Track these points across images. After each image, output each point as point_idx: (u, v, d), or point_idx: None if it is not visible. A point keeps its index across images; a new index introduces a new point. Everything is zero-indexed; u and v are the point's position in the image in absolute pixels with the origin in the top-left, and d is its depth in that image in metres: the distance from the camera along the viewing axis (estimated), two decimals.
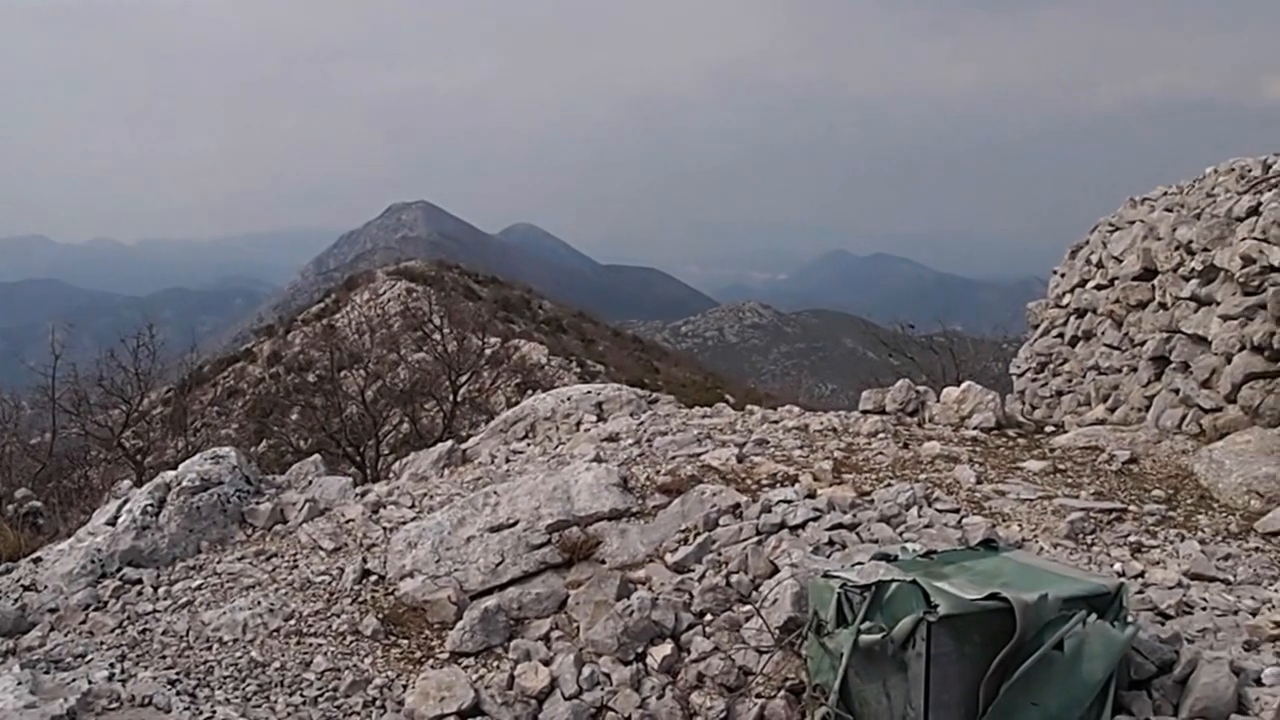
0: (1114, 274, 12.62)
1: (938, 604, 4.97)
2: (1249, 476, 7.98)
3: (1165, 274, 11.25)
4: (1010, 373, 15.82)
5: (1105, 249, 13.16)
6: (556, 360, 48.22)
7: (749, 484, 8.00)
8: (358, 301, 54.83)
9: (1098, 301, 13.09)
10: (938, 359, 26.25)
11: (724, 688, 6.07)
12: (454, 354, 26.31)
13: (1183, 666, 5.23)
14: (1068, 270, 14.69)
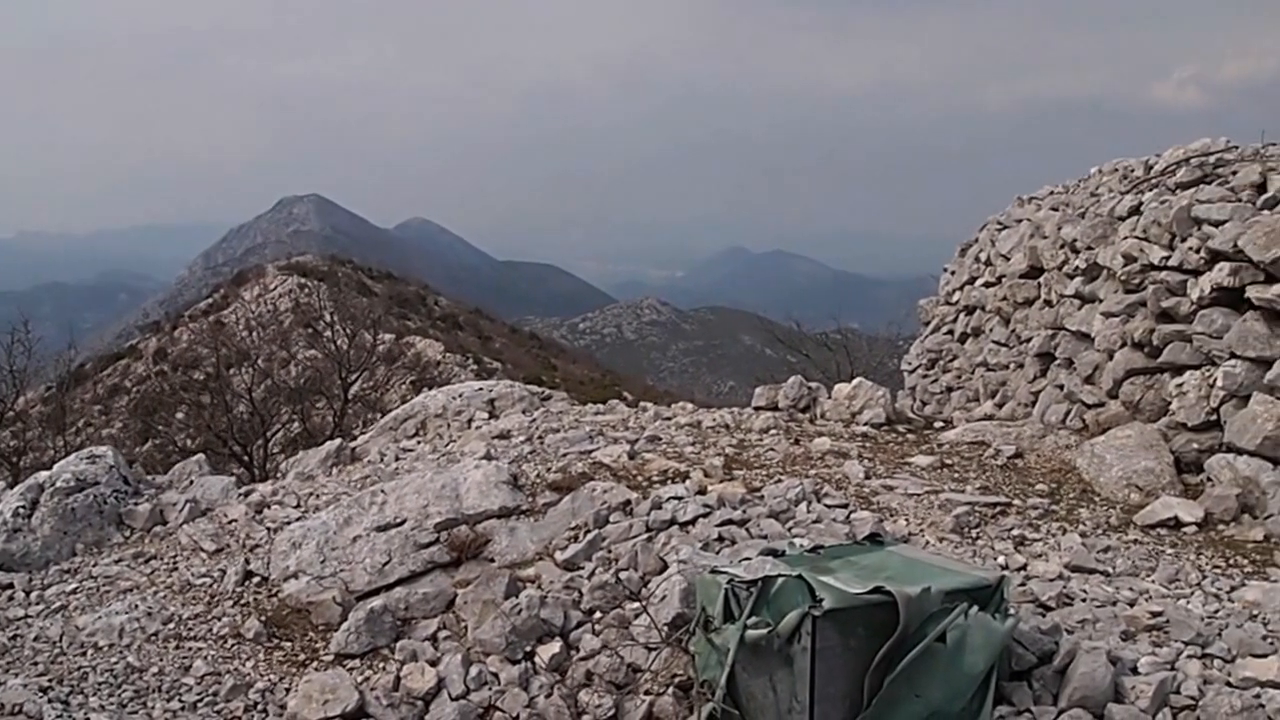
0: (1002, 272, 12.86)
1: (823, 598, 4.97)
2: (1129, 470, 8.16)
3: (1051, 272, 11.48)
4: (902, 369, 16.04)
5: (994, 247, 13.40)
6: (452, 358, 47.83)
7: (640, 481, 7.97)
8: (247, 297, 53.79)
9: (986, 299, 13.32)
10: (833, 356, 26.53)
11: (612, 685, 6.02)
12: (345, 351, 25.92)
13: (1062, 657, 5.31)
14: (958, 268, 14.94)
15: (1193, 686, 5.18)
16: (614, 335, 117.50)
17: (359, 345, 26.95)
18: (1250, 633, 5.72)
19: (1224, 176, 9.47)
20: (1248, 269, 8.18)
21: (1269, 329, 7.96)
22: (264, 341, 31.85)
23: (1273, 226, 8.06)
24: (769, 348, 45.52)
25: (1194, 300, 8.65)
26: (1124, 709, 5.03)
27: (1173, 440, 8.44)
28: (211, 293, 65.38)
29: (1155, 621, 5.85)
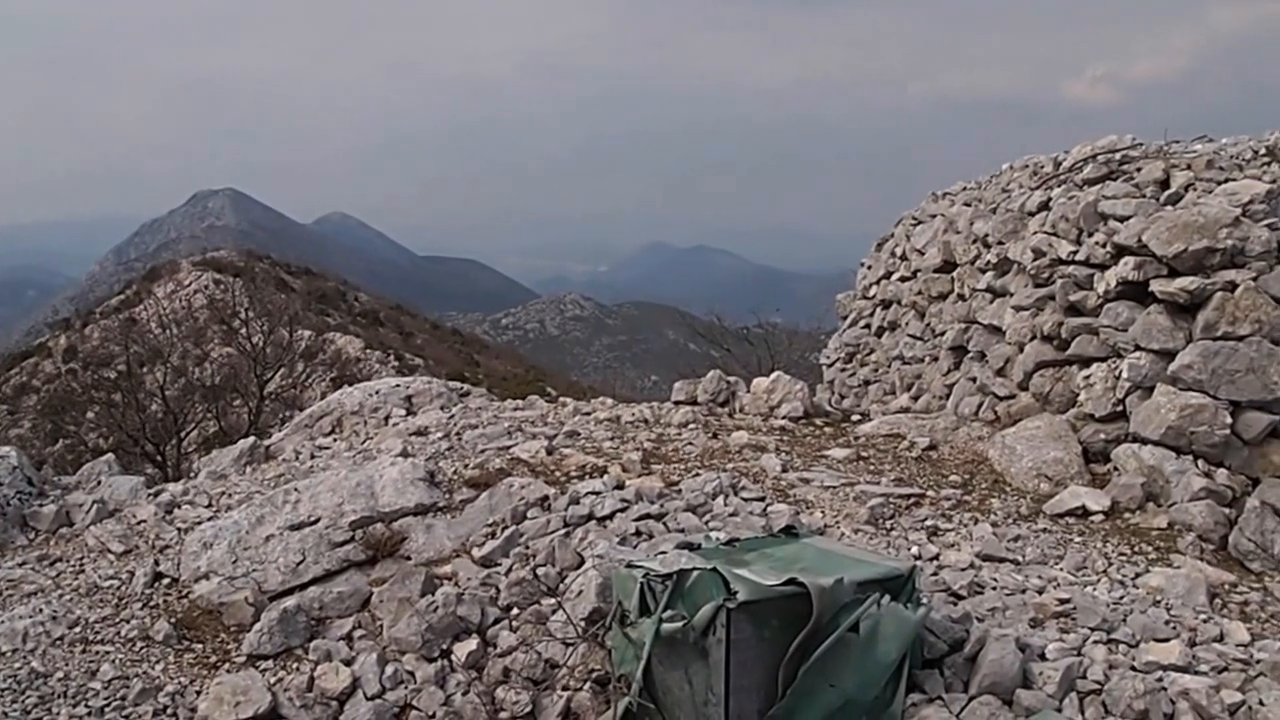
0: (917, 266, 13.03)
1: (737, 591, 5.01)
2: (1039, 461, 8.33)
3: (964, 266, 11.66)
4: (821, 363, 16.19)
5: (909, 242, 13.57)
6: (373, 354, 47.39)
7: (558, 476, 7.97)
8: (160, 294, 52.72)
9: (902, 293, 13.49)
10: (754, 350, 26.68)
11: (530, 681, 6.03)
12: (261, 348, 25.58)
13: (972, 644, 5.40)
14: (874, 263, 15.11)
15: (1098, 671, 5.30)
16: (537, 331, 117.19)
17: (276, 342, 26.61)
18: (1154, 618, 5.88)
19: (1129, 173, 9.69)
20: (1152, 263, 8.39)
21: (1172, 322, 8.17)
22: (178, 339, 31.33)
23: (1175, 222, 8.27)
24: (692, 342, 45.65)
25: (1100, 294, 8.84)
26: (1032, 694, 5.13)
27: (1081, 431, 8.63)
28: (123, 289, 64.01)
29: (1063, 608, 5.98)
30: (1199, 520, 7.36)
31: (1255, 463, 7.79)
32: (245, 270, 57.83)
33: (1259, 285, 7.95)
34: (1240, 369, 7.74)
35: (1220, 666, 5.40)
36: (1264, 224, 8.21)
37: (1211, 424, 7.70)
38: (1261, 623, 6.23)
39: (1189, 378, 7.85)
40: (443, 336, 71.00)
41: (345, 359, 41.02)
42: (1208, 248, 8.06)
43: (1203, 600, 6.30)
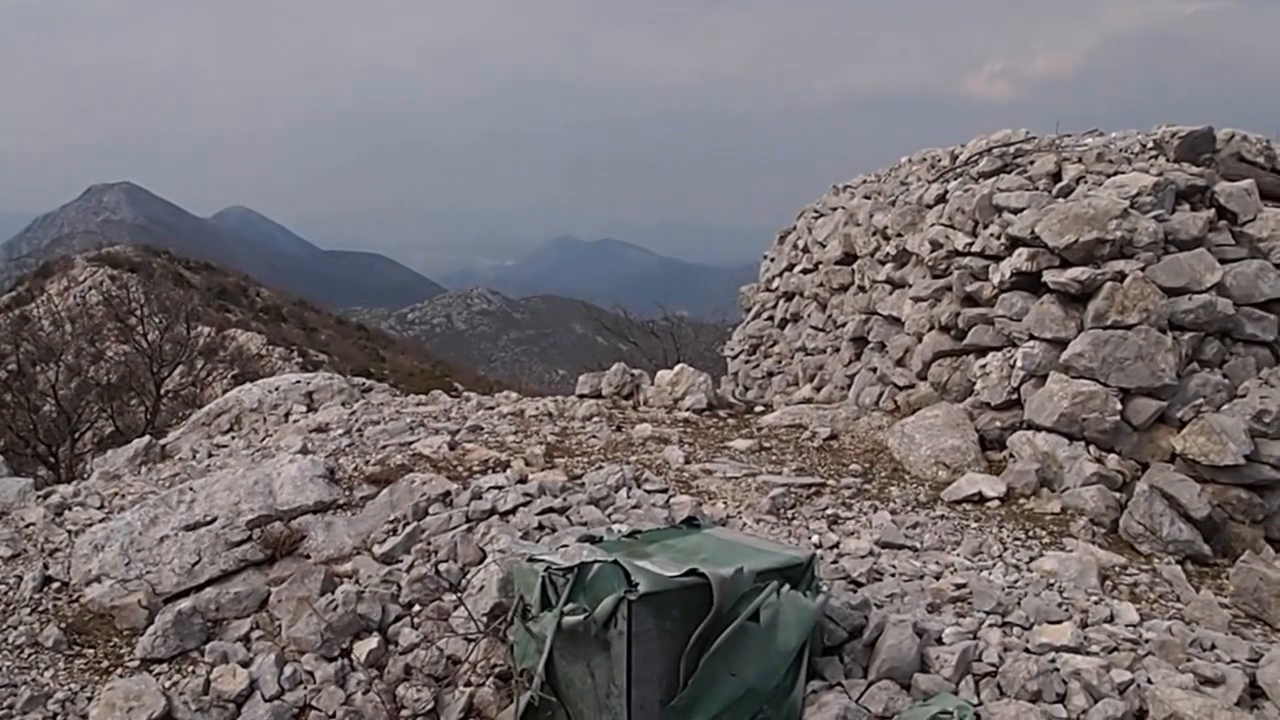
0: (818, 258, 13.16)
1: (638, 583, 5.02)
2: (936, 449, 8.47)
3: (864, 258, 11.81)
4: (725, 355, 16.29)
5: (811, 234, 13.71)
6: (276, 350, 46.65)
7: (461, 471, 7.92)
8: (53, 291, 51.29)
9: (804, 285, 13.63)
10: (660, 343, 26.78)
11: (432, 678, 5.99)
12: (158, 345, 25.03)
13: (871, 631, 5.47)
14: (777, 255, 15.24)
15: (993, 654, 5.39)
16: (444, 325, 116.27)
17: (174, 339, 26.07)
18: (1047, 601, 6.01)
19: (1023, 166, 9.90)
20: (1044, 254, 8.57)
21: (1064, 311, 8.36)
22: (72, 337, 30.54)
23: (1066, 214, 8.46)
24: (599, 336, 45.70)
25: (995, 285, 9.02)
26: (929, 678, 5.20)
27: (977, 419, 8.79)
28: (14, 286, 62.17)
29: (959, 593, 6.09)
30: (1091, 505, 7.54)
31: (1144, 447, 8.01)
32: (142, 266, 56.50)
33: (1147, 275, 8.17)
34: (1129, 357, 7.95)
35: (1111, 646, 5.53)
36: (1151, 216, 8.44)
37: (1102, 411, 7.90)
38: (1150, 603, 6.40)
39: (1080, 366, 8.04)
40: (348, 332, 70.11)
41: (247, 356, 40.34)
42: (1098, 239, 8.26)
43: (1094, 582, 6.46)
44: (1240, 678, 5.24)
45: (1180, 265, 8.28)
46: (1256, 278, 8.46)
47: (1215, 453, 7.59)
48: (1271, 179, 9.79)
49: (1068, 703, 5.08)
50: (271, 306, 63.44)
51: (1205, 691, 5.10)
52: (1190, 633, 5.77)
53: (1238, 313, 8.32)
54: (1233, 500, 7.64)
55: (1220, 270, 8.32)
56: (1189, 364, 8.19)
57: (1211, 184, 8.99)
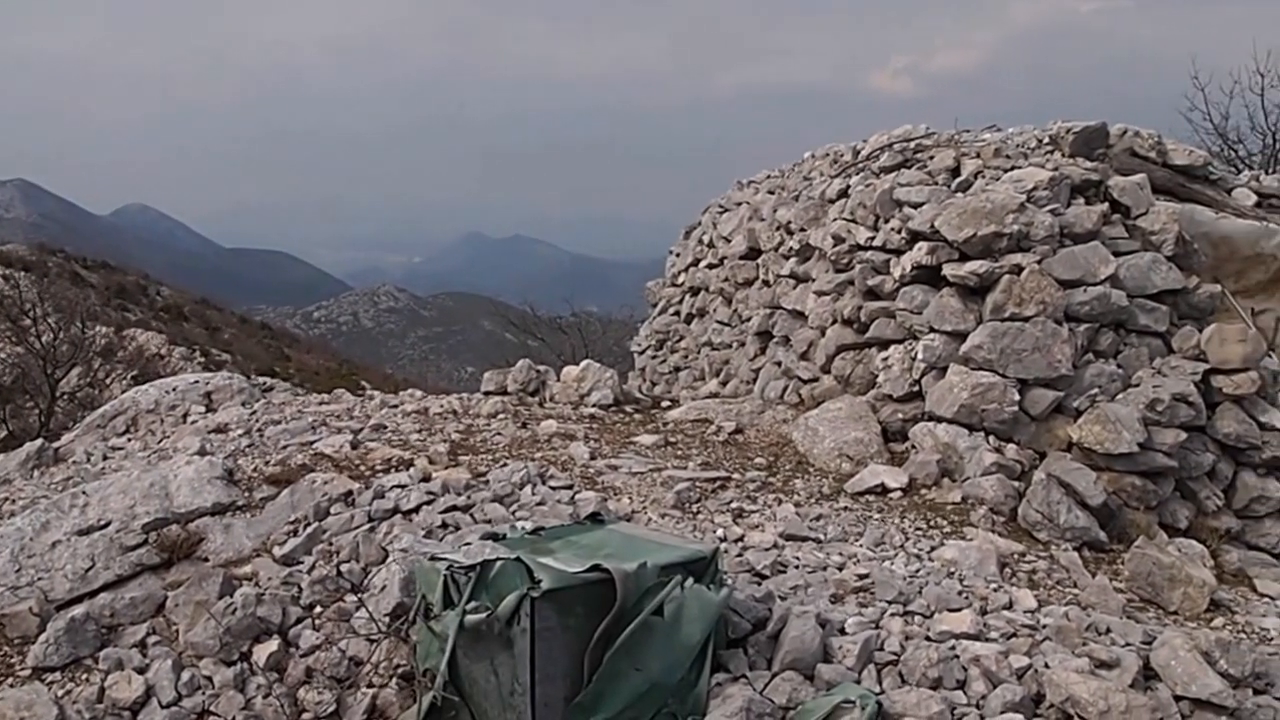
0: (723, 253, 13.23)
1: (541, 579, 4.98)
2: (840, 441, 8.54)
3: (768, 253, 11.89)
4: (632, 350, 16.32)
5: (715, 229, 13.77)
6: (178, 350, 45.73)
7: (363, 470, 7.81)
8: None
9: (710, 280, 13.69)
10: (567, 339, 26.77)
11: (334, 680, 5.88)
12: (53, 346, 24.38)
13: (774, 622, 5.48)
14: (683, 250, 15.29)
15: (895, 643, 5.45)
16: (350, 323, 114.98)
17: (71, 339, 25.42)
18: (947, 589, 6.08)
19: (923, 161, 10.03)
20: (944, 248, 8.69)
21: (963, 304, 8.49)
22: None
23: (965, 208, 8.59)
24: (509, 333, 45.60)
25: (896, 278, 9.13)
26: (832, 668, 5.24)
27: (880, 411, 8.88)
28: None
29: (862, 583, 6.14)
30: (990, 494, 7.66)
31: (1042, 437, 8.16)
32: (36, 265, 54.98)
33: (1043, 268, 8.33)
34: (1027, 348, 8.09)
35: (1009, 633, 5.62)
36: (1047, 210, 8.59)
37: (1001, 401, 8.03)
38: (1048, 589, 6.52)
39: (979, 357, 8.17)
40: (252, 331, 68.99)
41: (147, 356, 39.48)
42: (995, 232, 8.40)
43: (993, 570, 6.55)
44: (1134, 660, 5.36)
45: (1075, 258, 8.45)
46: (1149, 270, 8.66)
47: (1110, 441, 7.75)
48: (1163, 173, 10.05)
49: (967, 689, 5.16)
50: (172, 305, 62.17)
51: (1100, 674, 5.21)
52: (1086, 617, 5.88)
53: (1131, 304, 8.52)
54: (1127, 487, 7.82)
55: (1114, 263, 8.50)
56: (1084, 355, 8.36)
57: (1105, 178, 9.19)
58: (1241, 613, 6.66)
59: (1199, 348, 8.48)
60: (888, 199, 9.51)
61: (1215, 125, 21.52)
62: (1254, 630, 6.37)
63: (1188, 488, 8.17)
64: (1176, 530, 7.92)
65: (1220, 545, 7.92)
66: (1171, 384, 8.13)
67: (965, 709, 5.03)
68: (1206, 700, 5.16)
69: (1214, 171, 10.77)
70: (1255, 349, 8.47)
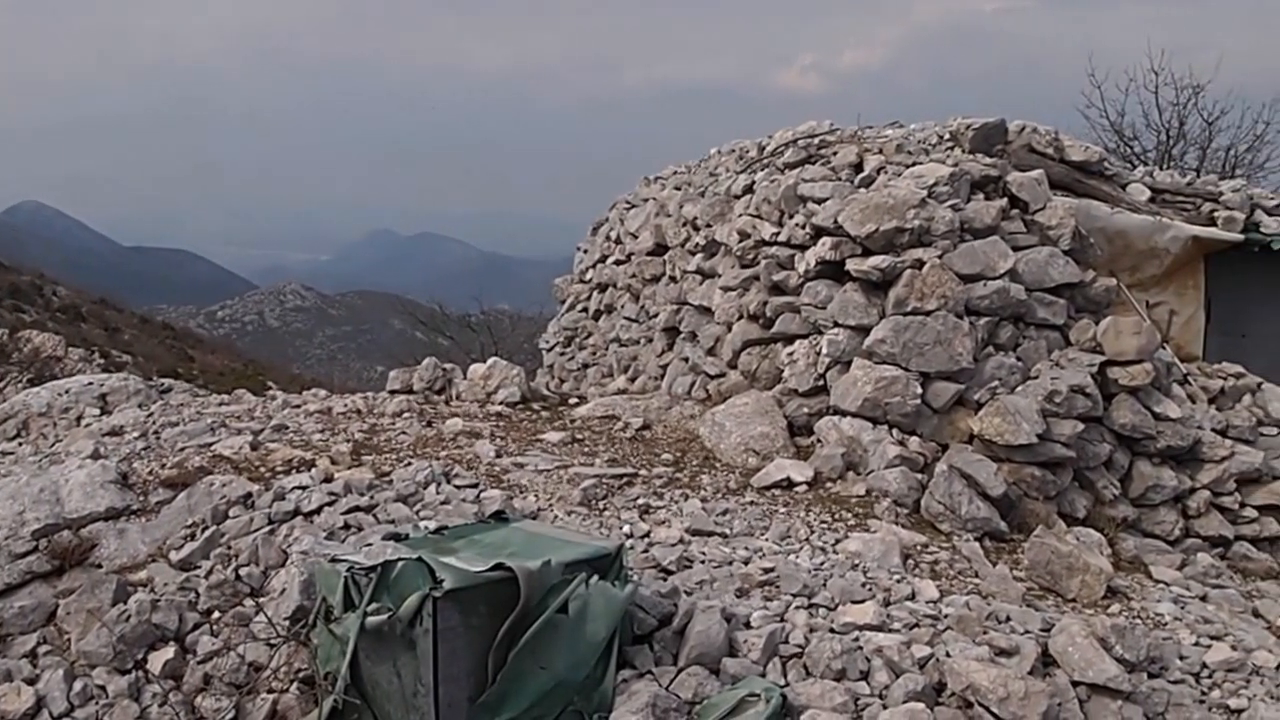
0: (631, 249, 13.22)
1: (443, 579, 4.92)
2: (746, 436, 8.56)
3: (675, 249, 11.90)
4: (540, 347, 16.25)
5: (623, 225, 13.77)
6: (76, 351, 44.58)
7: (263, 472, 7.66)
8: None
9: (617, 276, 13.67)
10: (477, 337, 26.61)
11: (232, 686, 5.77)
12: None
13: (680, 618, 5.49)
14: (590, 247, 15.27)
15: (800, 635, 5.49)
16: (256, 323, 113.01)
17: None
18: (851, 581, 6.14)
19: (826, 157, 10.11)
20: (847, 243, 8.77)
21: (866, 299, 8.57)
22: None
23: (867, 203, 8.67)
24: (419, 332, 45.19)
25: (801, 273, 9.18)
26: (737, 662, 5.26)
27: (786, 406, 8.93)
28: None
29: (767, 577, 6.16)
30: (894, 486, 7.73)
31: (944, 430, 8.26)
32: None
33: (944, 262, 8.43)
34: (929, 342, 8.18)
35: (912, 623, 5.68)
36: (947, 205, 8.70)
37: (904, 395, 8.11)
38: (950, 579, 6.60)
39: (883, 351, 8.24)
40: (153, 331, 67.48)
41: (43, 357, 38.44)
42: (897, 227, 8.48)
43: (897, 562, 6.62)
44: (1033, 647, 5.46)
45: (975, 253, 8.56)
46: (1047, 264, 8.82)
47: (1010, 433, 7.87)
48: (1060, 169, 10.24)
49: (871, 679, 5.21)
50: (70, 306, 60.59)
51: (1000, 662, 5.29)
52: (987, 606, 5.98)
53: (1030, 298, 8.66)
54: (1027, 478, 7.94)
55: (1013, 257, 8.64)
56: (985, 348, 8.49)
57: (1004, 174, 9.33)
58: (1137, 599, 6.80)
59: (1095, 340, 8.65)
60: (792, 195, 9.57)
61: (1112, 122, 22.07)
62: (1149, 616, 6.51)
63: (1085, 477, 8.32)
64: (1075, 519, 8.07)
65: (1117, 533, 8.09)
66: (1069, 376, 8.28)
67: (869, 699, 5.08)
68: (1103, 685, 5.27)
69: (1109, 167, 11.00)
70: (1149, 341, 8.65)
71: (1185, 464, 8.58)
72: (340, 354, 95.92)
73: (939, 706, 5.10)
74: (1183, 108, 21.71)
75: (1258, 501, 8.57)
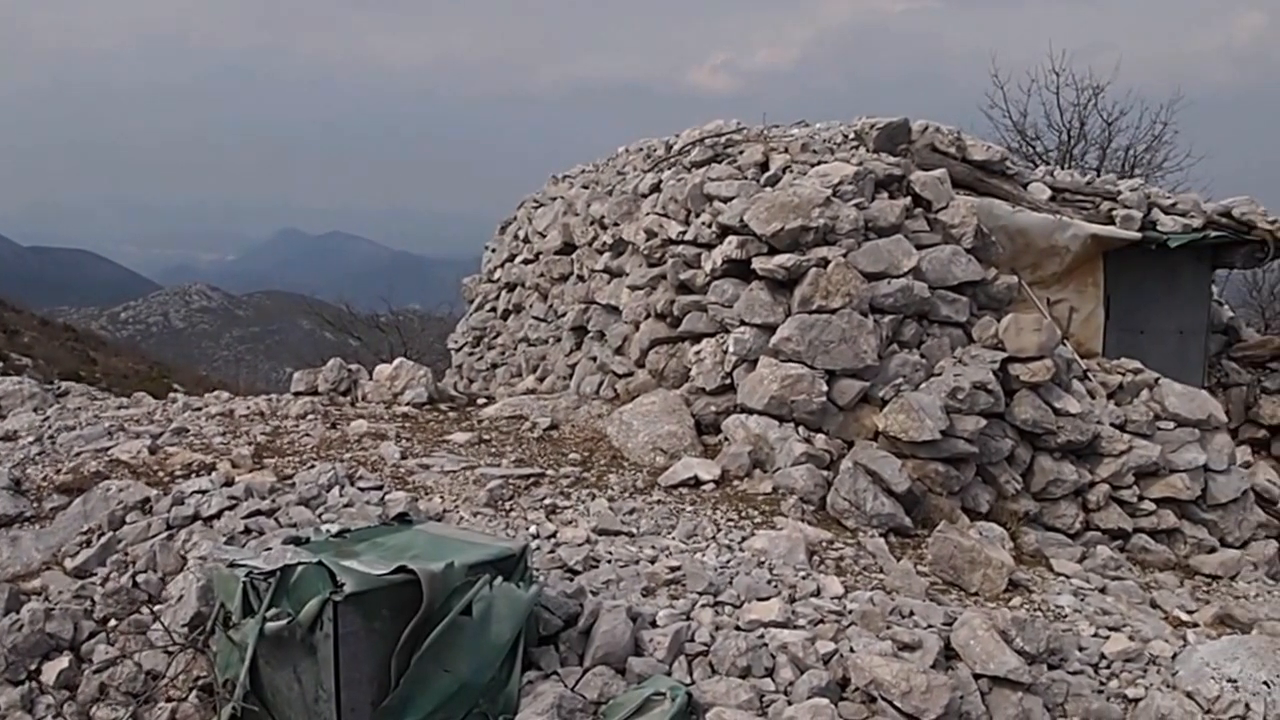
0: (539, 249, 13.17)
1: (344, 583, 4.85)
2: (654, 435, 8.57)
3: (583, 248, 11.88)
4: (449, 347, 16.14)
5: (531, 225, 13.71)
6: None
7: (162, 476, 7.50)
8: None
9: (525, 275, 13.61)
10: (386, 337, 26.35)
11: (130, 696, 5.64)
12: None
13: (586, 618, 5.47)
14: (498, 246, 15.19)
15: (705, 633, 5.49)
16: (161, 324, 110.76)
17: None
18: (757, 579, 6.16)
19: (733, 156, 10.15)
20: (753, 242, 8.81)
21: (772, 297, 8.61)
22: None
23: (773, 202, 8.71)
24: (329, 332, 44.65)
25: (708, 272, 9.21)
26: (643, 661, 5.25)
27: (694, 404, 8.95)
28: None
29: (674, 576, 6.16)
30: (800, 483, 7.77)
31: (850, 426, 8.33)
32: None
33: (849, 261, 8.50)
34: (834, 340, 8.25)
35: (816, 619, 5.71)
36: (852, 204, 8.78)
37: (810, 393, 8.16)
38: (855, 575, 6.65)
39: (789, 350, 8.29)
40: (54, 333, 65.70)
41: None
42: (802, 226, 8.53)
43: (802, 558, 6.65)
44: (936, 641, 5.53)
45: (880, 251, 8.65)
46: (949, 262, 8.93)
47: (914, 429, 7.96)
48: (962, 168, 10.39)
49: (775, 676, 5.24)
50: None
51: (903, 657, 5.35)
52: (891, 602, 6.03)
53: (933, 295, 8.77)
54: (931, 474, 8.04)
55: (916, 255, 8.74)
56: (889, 345, 8.58)
57: (908, 173, 9.45)
58: (1038, 592, 6.92)
59: (997, 337, 8.78)
60: (699, 193, 9.59)
61: (1014, 122, 22.48)
62: (1050, 608, 6.62)
63: (988, 473, 8.44)
64: (978, 514, 8.18)
65: (1019, 527, 8.23)
66: (972, 373, 8.39)
67: (774, 696, 5.10)
68: (1004, 677, 5.36)
69: (1011, 167, 11.18)
70: (1050, 338, 8.81)
71: (1085, 458, 8.74)
72: (248, 355, 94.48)
73: (843, 702, 5.14)
74: (1083, 108, 22.21)
75: (1155, 495, 8.76)
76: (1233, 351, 12.03)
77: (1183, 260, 11.15)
